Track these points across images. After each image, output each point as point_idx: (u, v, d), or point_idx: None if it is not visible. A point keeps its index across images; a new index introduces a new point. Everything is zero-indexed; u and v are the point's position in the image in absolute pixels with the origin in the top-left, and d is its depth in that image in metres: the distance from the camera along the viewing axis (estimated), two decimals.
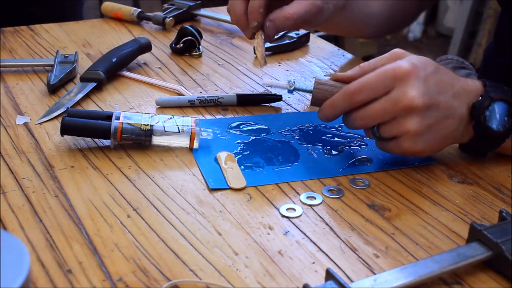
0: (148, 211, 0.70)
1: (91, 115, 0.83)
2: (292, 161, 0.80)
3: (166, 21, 1.25)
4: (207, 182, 0.75)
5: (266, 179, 0.76)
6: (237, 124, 0.89)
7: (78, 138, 0.83)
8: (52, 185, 0.74)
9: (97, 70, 0.99)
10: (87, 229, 0.66)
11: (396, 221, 0.69)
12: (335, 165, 0.79)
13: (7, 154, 0.80)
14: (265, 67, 1.08)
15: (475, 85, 0.77)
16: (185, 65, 1.09)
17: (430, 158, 0.80)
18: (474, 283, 0.61)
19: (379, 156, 0.81)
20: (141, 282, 0.59)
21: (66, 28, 1.24)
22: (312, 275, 0.61)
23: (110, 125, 0.79)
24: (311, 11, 0.86)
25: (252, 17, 0.86)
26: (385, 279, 0.58)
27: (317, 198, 0.73)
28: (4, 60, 1.06)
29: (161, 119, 0.81)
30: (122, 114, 0.81)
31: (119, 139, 0.80)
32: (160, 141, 0.81)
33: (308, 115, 0.92)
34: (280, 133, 0.86)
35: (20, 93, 0.97)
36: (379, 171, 0.78)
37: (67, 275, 0.60)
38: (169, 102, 0.94)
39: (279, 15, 0.85)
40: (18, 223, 0.67)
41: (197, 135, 0.80)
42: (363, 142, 0.84)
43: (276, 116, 0.92)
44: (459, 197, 0.74)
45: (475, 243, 0.62)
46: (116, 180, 0.75)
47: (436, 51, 3.71)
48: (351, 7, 0.97)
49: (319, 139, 0.85)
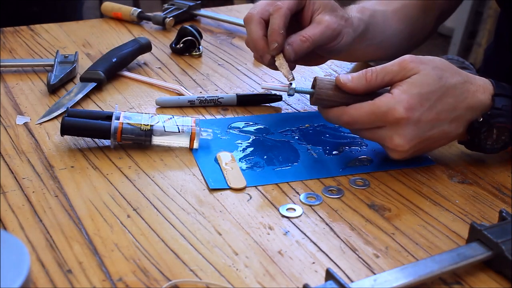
0: (148, 211, 0.70)
1: (91, 115, 0.83)
2: (292, 161, 0.80)
3: (166, 21, 1.25)
4: (207, 182, 0.75)
5: (266, 179, 0.76)
6: (237, 124, 0.88)
7: (78, 138, 0.83)
8: (52, 185, 0.74)
9: (97, 70, 0.99)
10: (87, 229, 0.66)
11: (396, 221, 0.69)
12: (335, 165, 0.79)
13: (7, 154, 0.80)
14: (265, 67, 1.08)
15: (484, 98, 0.76)
16: (185, 65, 1.09)
17: (430, 160, 0.80)
18: (474, 283, 0.61)
19: (379, 156, 0.81)
20: (141, 282, 0.59)
21: (66, 28, 1.24)
22: (312, 275, 0.61)
23: (110, 125, 0.79)
24: (327, 33, 0.85)
25: (272, 39, 0.84)
26: (385, 279, 0.58)
27: (317, 198, 0.73)
28: (4, 60, 1.06)
29: (161, 119, 0.81)
30: (122, 114, 0.81)
31: (119, 139, 0.80)
32: (160, 141, 0.81)
33: (308, 115, 0.92)
34: (280, 133, 0.86)
35: (20, 93, 0.97)
36: (379, 171, 0.78)
37: (67, 275, 0.60)
38: (169, 102, 0.94)
39: (295, 38, 0.84)
40: (18, 223, 0.67)
41: (197, 135, 0.81)
42: (363, 142, 0.84)
43: (276, 116, 0.92)
44: (459, 197, 0.74)
45: (475, 243, 0.62)
46: (116, 180, 0.75)
47: (436, 51, 3.71)
48: (373, 31, 0.95)
49: (319, 139, 0.85)
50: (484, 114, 0.75)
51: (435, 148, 0.80)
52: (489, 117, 0.75)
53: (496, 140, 0.77)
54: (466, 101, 0.75)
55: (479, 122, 0.76)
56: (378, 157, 0.81)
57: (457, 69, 0.77)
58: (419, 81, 0.74)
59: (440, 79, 0.74)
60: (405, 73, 0.74)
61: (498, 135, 0.76)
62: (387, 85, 0.76)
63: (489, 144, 0.77)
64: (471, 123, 0.76)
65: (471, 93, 0.76)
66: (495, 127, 0.76)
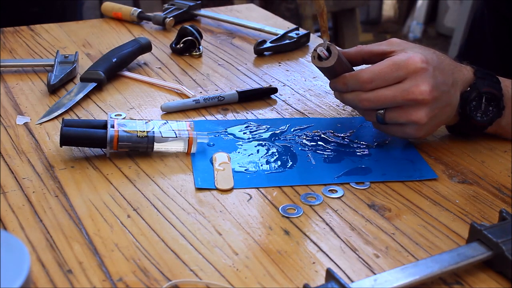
0: (148, 211, 0.70)
1: (89, 124, 0.82)
2: (288, 166, 0.79)
3: (166, 21, 1.25)
4: (195, 181, 0.75)
5: (255, 182, 0.75)
6: (239, 126, 0.88)
7: None
8: (52, 185, 0.74)
9: (97, 70, 0.99)
10: (87, 229, 0.66)
11: (396, 221, 0.69)
12: (330, 172, 0.78)
13: (7, 154, 0.80)
14: (265, 67, 1.08)
15: (468, 74, 0.81)
16: (185, 65, 1.09)
17: (431, 173, 0.78)
18: (474, 283, 0.61)
19: (378, 167, 0.79)
20: (141, 282, 0.59)
21: (66, 28, 1.24)
22: (312, 275, 0.61)
23: (106, 133, 0.78)
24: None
25: None
26: (385, 279, 0.58)
27: (317, 198, 0.73)
28: (4, 60, 1.06)
29: (156, 124, 0.81)
30: (116, 122, 0.79)
31: (116, 148, 0.78)
32: (158, 148, 0.80)
33: (314, 121, 0.90)
34: (284, 138, 0.86)
35: (20, 93, 0.97)
36: (378, 181, 0.77)
37: (67, 275, 0.60)
38: (175, 107, 0.92)
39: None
40: (18, 223, 0.67)
41: (194, 140, 0.80)
42: (366, 152, 0.83)
43: (282, 120, 0.90)
44: (459, 197, 0.74)
45: (475, 243, 0.62)
46: (116, 180, 0.75)
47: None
48: None
49: (322, 146, 0.83)
50: (471, 85, 0.81)
51: (445, 120, 0.81)
52: (476, 85, 0.80)
53: (485, 111, 0.81)
54: (457, 70, 0.80)
55: (468, 91, 0.80)
56: (377, 168, 0.79)
57: None
58: (417, 47, 0.79)
59: (432, 52, 0.80)
60: (394, 46, 0.80)
61: (486, 106, 0.81)
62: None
63: (479, 116, 0.81)
64: (461, 94, 0.80)
65: (458, 67, 0.81)
66: (483, 93, 0.80)
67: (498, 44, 1.11)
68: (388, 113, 0.78)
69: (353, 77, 0.79)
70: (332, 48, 0.79)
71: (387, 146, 0.84)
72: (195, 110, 0.93)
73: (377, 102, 0.77)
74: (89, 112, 0.92)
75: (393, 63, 0.76)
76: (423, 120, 0.76)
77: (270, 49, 1.14)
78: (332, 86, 0.83)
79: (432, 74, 0.75)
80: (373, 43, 0.83)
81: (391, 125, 0.79)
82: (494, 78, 0.82)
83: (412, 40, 3.93)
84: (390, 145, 0.84)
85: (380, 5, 4.22)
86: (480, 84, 0.80)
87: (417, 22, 4.05)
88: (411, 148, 0.84)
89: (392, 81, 0.76)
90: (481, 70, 0.82)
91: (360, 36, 3.34)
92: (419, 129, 0.78)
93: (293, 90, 1.00)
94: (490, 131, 0.84)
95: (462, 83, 0.80)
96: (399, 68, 0.75)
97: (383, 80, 0.76)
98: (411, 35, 3.97)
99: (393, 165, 0.80)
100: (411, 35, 3.97)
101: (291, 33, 1.18)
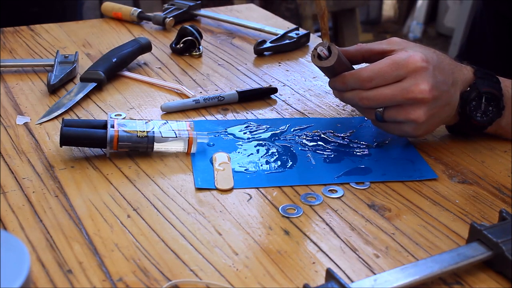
0: (148, 211, 0.70)
1: (89, 124, 0.82)
2: (288, 166, 0.79)
3: (166, 21, 1.25)
4: (195, 181, 0.75)
5: (255, 182, 0.75)
6: (239, 126, 0.88)
7: None
8: (52, 185, 0.74)
9: (97, 70, 0.99)
10: (87, 229, 0.66)
11: (396, 221, 0.69)
12: (330, 172, 0.78)
13: (7, 154, 0.80)
14: (265, 67, 1.08)
15: (468, 74, 0.82)
16: (185, 65, 1.09)
17: (431, 173, 0.78)
18: (474, 283, 0.61)
19: (378, 167, 0.79)
20: (141, 282, 0.59)
21: (66, 28, 1.24)
22: (312, 275, 0.61)
23: (106, 133, 0.78)
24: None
25: None
26: (385, 279, 0.58)
27: (317, 198, 0.73)
28: (4, 60, 1.06)
29: (156, 124, 0.81)
30: (116, 122, 0.79)
31: (116, 148, 0.78)
32: (158, 148, 0.80)
33: (314, 121, 0.90)
34: (284, 138, 0.86)
35: (20, 93, 0.97)
36: (378, 181, 0.77)
37: (67, 275, 0.60)
38: (175, 107, 0.92)
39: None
40: (18, 223, 0.67)
41: (194, 140, 0.80)
42: (366, 152, 0.82)
43: (282, 120, 0.91)
44: (459, 197, 0.74)
45: (475, 243, 0.62)
46: (116, 180, 0.75)
47: None
48: None
49: (322, 146, 0.84)
50: (471, 84, 0.81)
51: (444, 120, 0.81)
52: (476, 85, 0.80)
53: (485, 111, 0.81)
54: (457, 70, 0.80)
55: (467, 91, 0.80)
56: (377, 168, 0.79)
57: None
58: (417, 47, 0.79)
59: (432, 51, 0.79)
60: (394, 45, 0.80)
61: (486, 106, 0.81)
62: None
63: (478, 115, 0.81)
64: (461, 94, 0.80)
65: (458, 67, 0.81)
66: (483, 92, 0.80)
67: (498, 44, 1.11)
68: (387, 111, 0.78)
69: (353, 76, 0.79)
70: (332, 48, 0.79)
71: (387, 146, 0.84)
72: (195, 110, 0.93)
73: (376, 100, 0.77)
74: (89, 112, 0.92)
75: (393, 61, 0.76)
76: (421, 119, 0.76)
77: (270, 49, 1.14)
78: (332, 85, 0.83)
79: (432, 73, 0.76)
80: None
81: (390, 123, 0.79)
82: (494, 78, 0.82)
83: (412, 40, 3.92)
84: (390, 145, 0.84)
85: (380, 5, 4.23)
86: (480, 84, 0.80)
87: (417, 22, 4.05)
88: (411, 148, 0.84)
89: (392, 79, 0.76)
90: (481, 70, 0.82)
91: (360, 36, 3.34)
92: (417, 128, 0.78)
93: (293, 90, 1.01)
94: (490, 131, 0.84)
95: (462, 82, 0.80)
96: (399, 67, 0.76)
97: (383, 78, 0.76)
98: (411, 35, 3.97)
99: (393, 165, 0.80)
100: (411, 35, 3.97)
101: (291, 33, 1.18)
